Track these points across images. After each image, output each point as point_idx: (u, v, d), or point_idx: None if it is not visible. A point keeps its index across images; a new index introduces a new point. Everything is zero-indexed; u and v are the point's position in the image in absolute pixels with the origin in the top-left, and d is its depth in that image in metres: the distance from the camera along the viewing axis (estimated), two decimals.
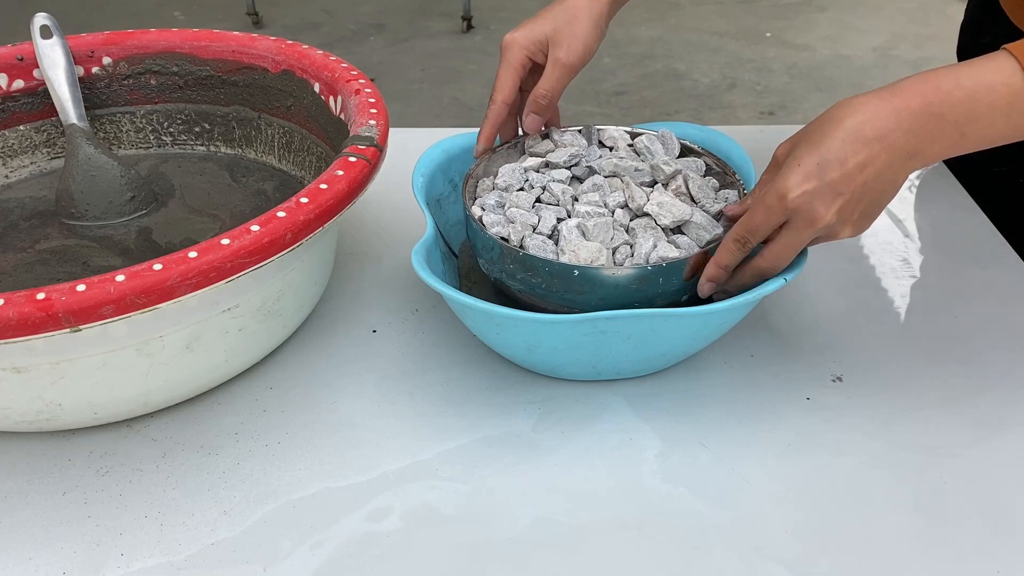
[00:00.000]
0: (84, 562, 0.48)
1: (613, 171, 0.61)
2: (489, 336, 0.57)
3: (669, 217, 0.56)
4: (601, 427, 0.56)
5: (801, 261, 0.54)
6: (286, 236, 0.50)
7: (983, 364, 0.61)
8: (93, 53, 0.75)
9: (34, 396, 0.51)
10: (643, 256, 0.55)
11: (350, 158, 0.56)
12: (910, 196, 0.81)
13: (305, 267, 0.59)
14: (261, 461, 0.54)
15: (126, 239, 0.67)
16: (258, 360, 0.60)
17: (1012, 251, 0.72)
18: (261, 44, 0.74)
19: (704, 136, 0.69)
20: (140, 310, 0.46)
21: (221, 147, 0.78)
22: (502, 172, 0.62)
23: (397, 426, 0.56)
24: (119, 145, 0.78)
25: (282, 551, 0.48)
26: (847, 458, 0.54)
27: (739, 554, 0.48)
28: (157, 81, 0.76)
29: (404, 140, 0.85)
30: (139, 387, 0.53)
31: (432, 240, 0.58)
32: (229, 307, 0.53)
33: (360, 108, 0.63)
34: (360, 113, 0.62)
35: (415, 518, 0.50)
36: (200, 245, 0.48)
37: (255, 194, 0.72)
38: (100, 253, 0.65)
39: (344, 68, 0.69)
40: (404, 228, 0.74)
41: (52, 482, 0.53)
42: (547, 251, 0.55)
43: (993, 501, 0.51)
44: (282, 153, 0.75)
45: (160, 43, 0.76)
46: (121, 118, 0.77)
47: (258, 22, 3.35)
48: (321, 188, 0.53)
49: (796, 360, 0.61)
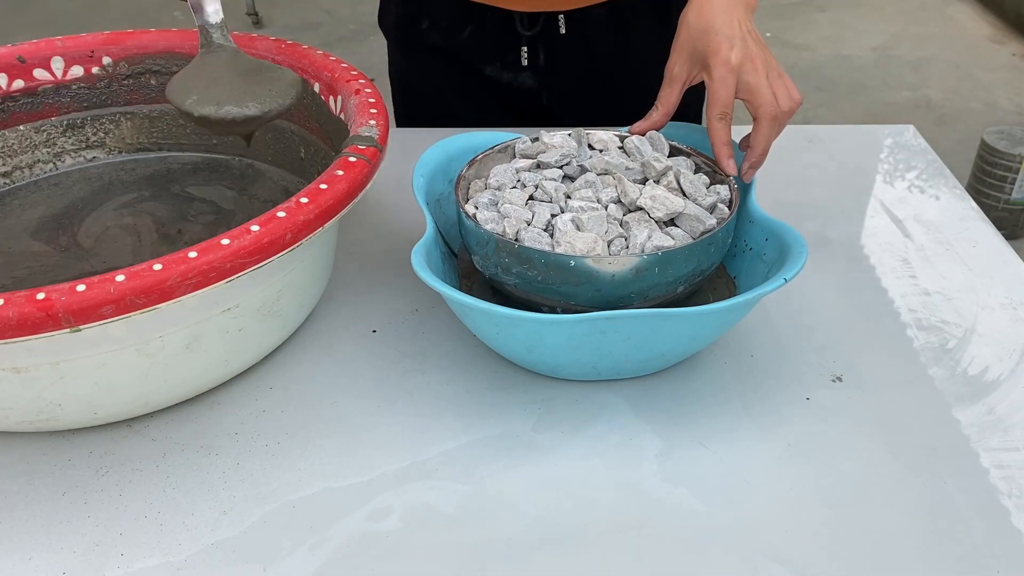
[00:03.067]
0: (84, 562, 0.48)
1: (605, 168, 0.62)
2: (489, 336, 0.57)
3: (662, 210, 0.57)
4: (601, 427, 0.56)
5: (801, 259, 0.54)
6: (286, 236, 0.50)
7: (983, 364, 0.61)
8: (93, 53, 0.75)
9: (34, 396, 0.51)
10: (638, 246, 0.55)
11: (350, 158, 0.56)
12: (910, 196, 0.81)
13: (306, 267, 0.59)
14: (261, 461, 0.54)
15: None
16: (258, 360, 0.60)
17: (1012, 251, 0.72)
18: (261, 44, 0.74)
19: (703, 136, 0.68)
20: (140, 310, 0.46)
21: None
22: (494, 173, 0.62)
23: (397, 426, 0.56)
24: (119, 149, 0.78)
25: (282, 551, 0.48)
26: (847, 458, 0.54)
27: (739, 554, 0.48)
28: (157, 81, 0.76)
29: (404, 140, 0.85)
30: (139, 387, 0.53)
31: (432, 240, 0.58)
32: (229, 307, 0.53)
33: (360, 108, 0.63)
34: (360, 113, 0.62)
35: (415, 518, 0.50)
36: (200, 245, 0.48)
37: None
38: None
39: (344, 68, 0.69)
40: (404, 228, 0.74)
41: (52, 482, 0.53)
42: (542, 243, 0.55)
43: (993, 501, 0.51)
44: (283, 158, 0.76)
45: (160, 43, 0.76)
46: (121, 118, 0.77)
47: (258, 22, 3.35)
48: (321, 188, 0.53)
49: (796, 360, 0.61)
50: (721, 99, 0.62)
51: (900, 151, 0.89)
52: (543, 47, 0.86)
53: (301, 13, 3.51)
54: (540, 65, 0.87)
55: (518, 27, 0.84)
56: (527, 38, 0.85)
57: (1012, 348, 0.62)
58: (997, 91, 2.88)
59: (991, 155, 2.09)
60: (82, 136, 0.77)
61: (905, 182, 0.83)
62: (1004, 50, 3.17)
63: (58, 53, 0.74)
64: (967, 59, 3.10)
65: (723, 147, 0.63)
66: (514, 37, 0.85)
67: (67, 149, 0.77)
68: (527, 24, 0.84)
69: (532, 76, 0.88)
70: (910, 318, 0.65)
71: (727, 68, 0.62)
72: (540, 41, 0.85)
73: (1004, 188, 2.10)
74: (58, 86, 0.74)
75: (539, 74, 0.87)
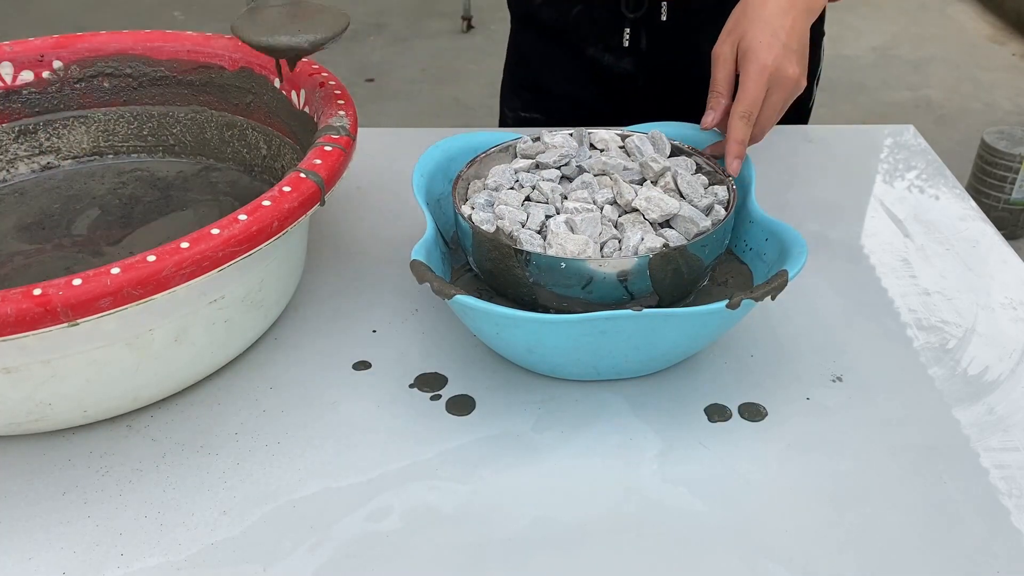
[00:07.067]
0: (84, 562, 0.48)
1: (602, 169, 0.62)
2: (489, 336, 0.57)
3: (657, 211, 0.57)
4: (601, 427, 0.56)
5: (801, 259, 0.54)
6: (273, 224, 0.52)
7: (983, 364, 0.61)
8: (43, 57, 0.74)
9: (24, 397, 0.51)
10: (631, 248, 0.55)
11: (326, 147, 0.58)
12: (910, 196, 0.81)
13: (285, 255, 0.60)
14: (261, 461, 0.54)
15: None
16: (241, 352, 0.61)
17: (1012, 251, 0.72)
18: (217, 43, 0.74)
19: (703, 136, 0.69)
20: (136, 301, 0.47)
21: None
22: (492, 173, 0.63)
23: (397, 426, 0.56)
24: (73, 154, 0.77)
25: (282, 551, 0.48)
26: (847, 458, 0.54)
27: (739, 554, 0.48)
28: (111, 84, 0.75)
29: (404, 140, 0.85)
30: (129, 382, 0.54)
31: (432, 240, 0.58)
32: (215, 299, 0.54)
33: (327, 100, 0.65)
34: (328, 104, 0.64)
35: (415, 518, 0.50)
36: (191, 236, 0.49)
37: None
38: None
39: (304, 63, 0.69)
40: (404, 228, 0.74)
41: (52, 482, 0.53)
42: (535, 245, 0.56)
43: (993, 501, 0.51)
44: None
45: (112, 45, 0.75)
46: (74, 123, 0.76)
47: None
48: (301, 176, 0.55)
49: (796, 360, 0.61)
50: (749, 99, 0.63)
51: (900, 151, 0.89)
52: (645, 31, 0.88)
53: None
54: (641, 49, 0.89)
55: (623, 9, 0.87)
56: (630, 20, 0.87)
57: (1012, 348, 0.62)
58: (997, 91, 2.88)
59: (991, 155, 2.09)
60: (35, 142, 0.75)
61: (905, 182, 0.83)
62: (1004, 50, 3.17)
63: (7, 58, 0.73)
64: (967, 59, 3.10)
65: (736, 145, 0.63)
66: (619, 19, 0.88)
67: (20, 155, 0.75)
68: (632, 6, 0.86)
69: (632, 60, 0.90)
70: (910, 318, 0.65)
71: (762, 70, 0.63)
72: (643, 25, 0.87)
73: (1004, 188, 2.10)
74: (8, 91, 0.73)
75: (639, 57, 0.90)
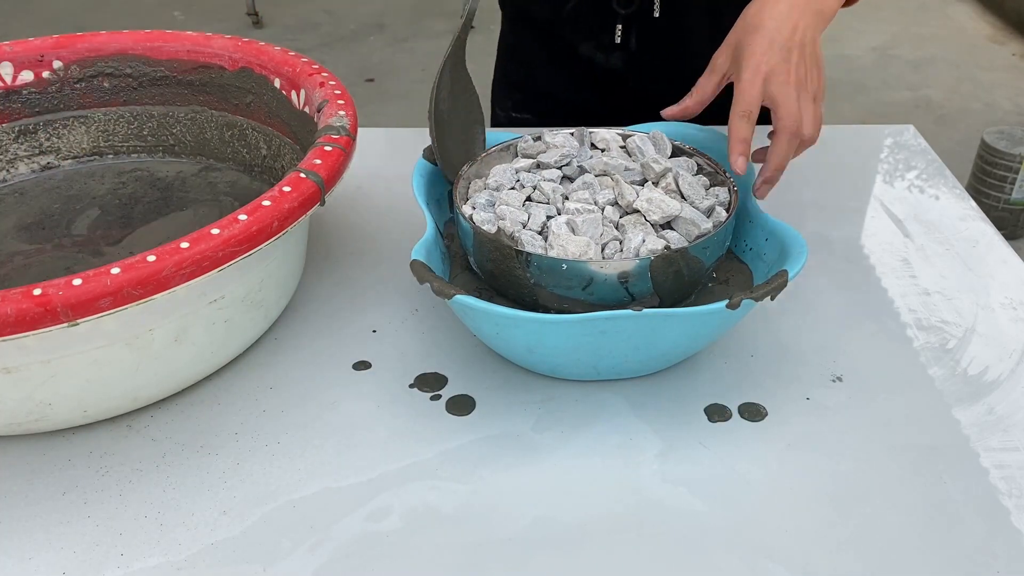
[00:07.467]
0: (84, 562, 0.48)
1: (603, 170, 0.62)
2: (489, 336, 0.57)
3: (658, 213, 0.57)
4: (601, 427, 0.56)
5: (801, 259, 0.54)
6: (273, 224, 0.52)
7: (983, 364, 0.61)
8: (43, 57, 0.74)
9: (24, 397, 0.51)
10: (632, 250, 0.55)
11: (326, 147, 0.58)
12: (910, 196, 0.81)
13: (285, 255, 0.60)
14: (261, 461, 0.54)
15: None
16: (241, 352, 0.61)
17: (1012, 251, 0.72)
18: (217, 43, 0.74)
19: (705, 136, 0.69)
20: (136, 301, 0.47)
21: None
22: (493, 172, 0.62)
23: (397, 426, 0.56)
24: (76, 153, 0.77)
25: (282, 551, 0.48)
26: (847, 458, 0.54)
27: (739, 554, 0.48)
28: (111, 84, 0.75)
29: (404, 140, 0.85)
30: (129, 382, 0.54)
31: (432, 240, 0.58)
32: (215, 299, 0.54)
33: (328, 100, 0.64)
34: (328, 104, 0.64)
35: (415, 518, 0.50)
36: (191, 235, 0.49)
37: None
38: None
39: (304, 63, 0.70)
40: (404, 228, 0.74)
41: (52, 482, 0.53)
42: (536, 246, 0.55)
43: (993, 501, 0.51)
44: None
45: (112, 45, 0.75)
46: (74, 123, 0.76)
47: (258, 22, 3.34)
48: (301, 177, 0.55)
49: (796, 360, 0.61)
50: (745, 99, 0.61)
51: (900, 151, 0.89)
52: (636, 28, 0.88)
53: (301, 13, 3.51)
54: (632, 46, 0.89)
55: (614, 5, 0.86)
56: (622, 16, 0.87)
57: (1012, 348, 0.62)
58: (997, 91, 2.88)
59: (991, 155, 2.09)
60: (35, 142, 0.75)
61: (905, 182, 0.83)
62: (1004, 50, 3.17)
63: (7, 58, 0.73)
64: (967, 59, 3.10)
65: (738, 143, 0.61)
66: (611, 15, 0.88)
67: (20, 155, 0.75)
68: (623, 2, 0.86)
69: (622, 57, 0.90)
70: (910, 318, 0.65)
71: (756, 72, 0.61)
72: (634, 21, 0.87)
73: (1004, 188, 2.10)
74: (8, 91, 0.73)
75: (629, 55, 0.90)
